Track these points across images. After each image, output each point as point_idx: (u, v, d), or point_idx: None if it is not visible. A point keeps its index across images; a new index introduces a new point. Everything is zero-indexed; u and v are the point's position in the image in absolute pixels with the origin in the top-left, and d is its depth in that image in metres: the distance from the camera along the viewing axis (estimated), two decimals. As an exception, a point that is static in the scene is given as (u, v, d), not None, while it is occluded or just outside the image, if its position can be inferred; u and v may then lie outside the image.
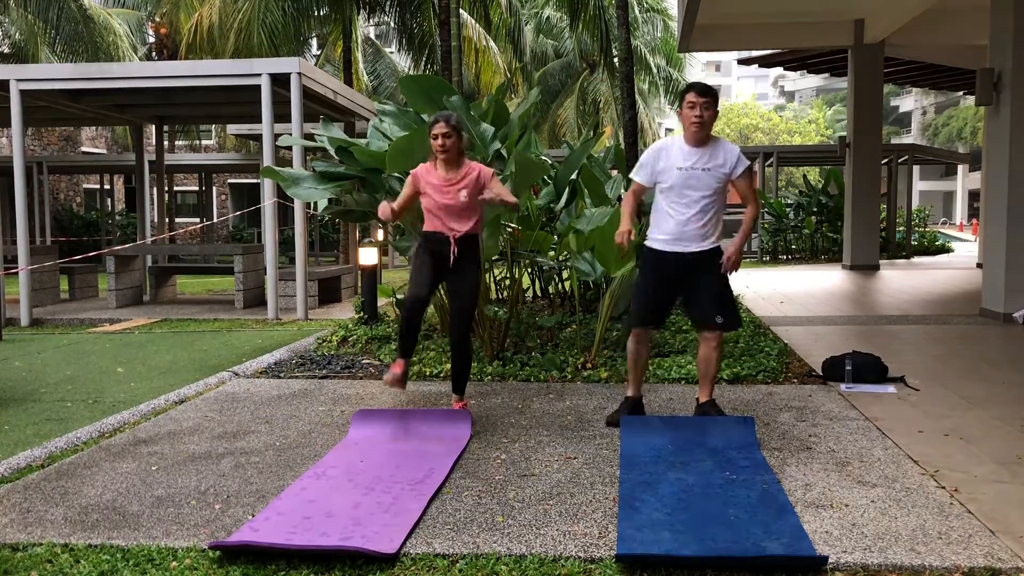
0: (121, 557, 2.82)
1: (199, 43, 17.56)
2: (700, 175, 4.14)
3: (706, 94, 4.12)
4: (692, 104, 4.11)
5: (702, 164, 4.15)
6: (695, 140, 4.17)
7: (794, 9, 13.24)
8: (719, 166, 4.15)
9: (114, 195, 24.53)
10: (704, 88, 4.15)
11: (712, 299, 4.23)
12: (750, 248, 21.22)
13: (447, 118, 4.34)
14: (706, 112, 4.11)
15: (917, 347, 6.72)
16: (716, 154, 4.16)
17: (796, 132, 51.09)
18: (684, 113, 4.16)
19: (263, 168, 5.89)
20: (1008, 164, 8.03)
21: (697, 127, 4.12)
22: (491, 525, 3.04)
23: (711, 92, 4.15)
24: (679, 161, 4.16)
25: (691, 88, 4.17)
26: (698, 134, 4.14)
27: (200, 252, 11.69)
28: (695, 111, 4.10)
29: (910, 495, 3.29)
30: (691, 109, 4.11)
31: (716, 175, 4.15)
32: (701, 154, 4.16)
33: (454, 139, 4.32)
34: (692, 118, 4.11)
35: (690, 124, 4.13)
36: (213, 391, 5.46)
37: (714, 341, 4.25)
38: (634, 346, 4.40)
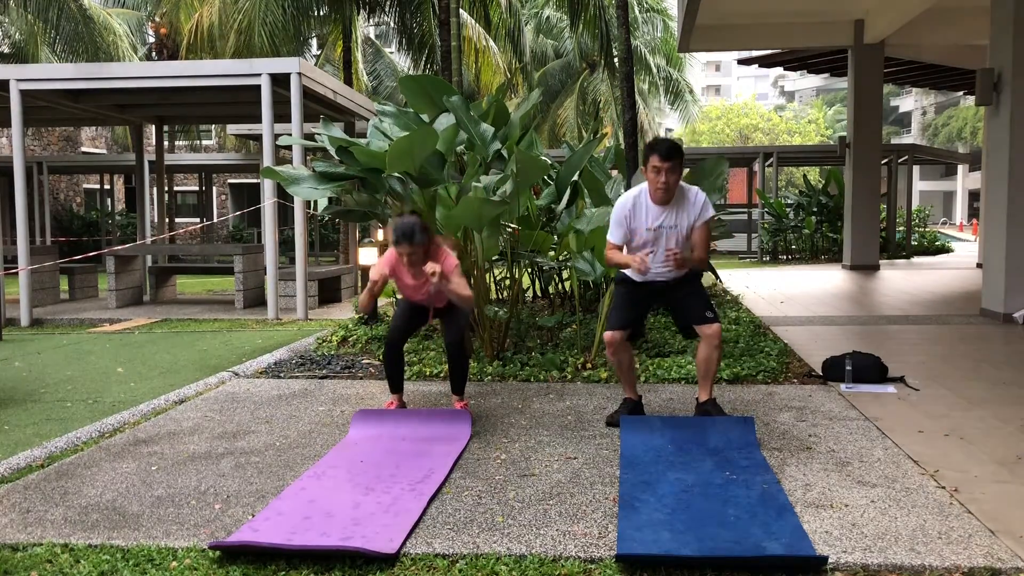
0: (121, 557, 2.82)
1: (199, 43, 17.55)
2: (668, 232, 4.23)
3: (670, 157, 4.07)
4: (657, 169, 4.09)
5: (669, 223, 4.22)
6: (661, 202, 4.21)
7: (794, 9, 13.24)
8: (684, 222, 4.22)
9: (114, 195, 24.53)
10: (668, 150, 4.07)
11: (696, 302, 4.31)
12: (750, 248, 21.25)
13: (409, 236, 4.20)
14: (671, 177, 4.10)
15: (917, 347, 6.72)
16: (681, 211, 4.21)
17: (796, 132, 51.08)
18: (649, 176, 4.16)
19: (263, 168, 5.89)
20: (1008, 164, 8.03)
21: (662, 192, 4.14)
22: (491, 525, 3.04)
23: (676, 154, 4.09)
24: (647, 222, 4.23)
25: (654, 150, 4.10)
26: (663, 198, 4.18)
27: (200, 252, 11.69)
28: (660, 177, 4.10)
29: (910, 495, 3.29)
30: (656, 174, 4.11)
31: (682, 230, 4.23)
32: (668, 213, 4.21)
33: (420, 252, 4.29)
34: (658, 184, 4.12)
35: (655, 189, 4.15)
36: (213, 391, 5.46)
37: (715, 340, 4.26)
38: (614, 357, 4.39)
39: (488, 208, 5.18)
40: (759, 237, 20.26)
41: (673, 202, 4.20)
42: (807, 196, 20.08)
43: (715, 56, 70.46)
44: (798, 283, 12.62)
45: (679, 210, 4.21)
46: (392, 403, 4.70)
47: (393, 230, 4.28)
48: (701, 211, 4.22)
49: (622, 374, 4.46)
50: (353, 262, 12.44)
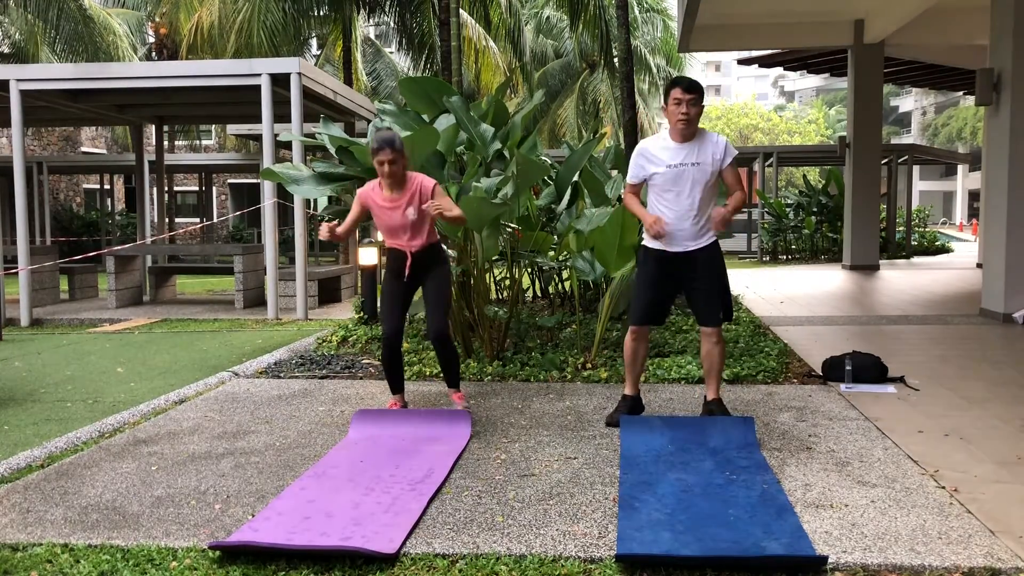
0: (121, 557, 2.82)
1: (199, 43, 17.56)
2: (689, 170, 4.13)
3: (692, 90, 4.07)
4: (678, 100, 4.07)
5: (691, 160, 4.13)
6: (682, 137, 4.15)
7: (794, 9, 13.24)
8: (706, 159, 4.13)
9: (114, 195, 24.53)
10: (690, 84, 4.09)
11: (712, 294, 4.25)
12: (750, 248, 21.25)
13: (391, 143, 4.27)
14: (692, 109, 4.07)
15: (917, 347, 6.72)
16: (704, 148, 4.15)
17: (796, 132, 51.09)
18: (670, 109, 4.13)
19: (263, 170, 5.89)
20: (1008, 164, 8.03)
21: (684, 124, 4.09)
22: (491, 525, 3.04)
23: (697, 88, 4.10)
24: (667, 159, 4.16)
25: (676, 84, 4.11)
26: (685, 130, 4.12)
27: (200, 252, 11.68)
28: (681, 108, 4.07)
29: (910, 495, 3.29)
30: (677, 106, 4.08)
31: (705, 169, 4.14)
32: (689, 149, 4.14)
33: (399, 163, 4.31)
34: (679, 115, 4.08)
35: (676, 121, 4.11)
36: (213, 391, 5.46)
37: (714, 336, 4.26)
38: (632, 343, 4.38)
39: (488, 209, 5.18)
40: (759, 237, 20.26)
41: (694, 141, 4.15)
42: (807, 196, 20.08)
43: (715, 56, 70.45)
44: (798, 283, 12.62)
45: (700, 148, 4.14)
46: (394, 404, 4.70)
47: (374, 140, 4.29)
48: (726, 150, 4.16)
49: (632, 365, 4.43)
50: (353, 262, 12.44)
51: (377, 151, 4.27)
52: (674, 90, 4.10)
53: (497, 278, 7.89)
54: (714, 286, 4.26)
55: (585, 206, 6.78)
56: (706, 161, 4.13)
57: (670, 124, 4.18)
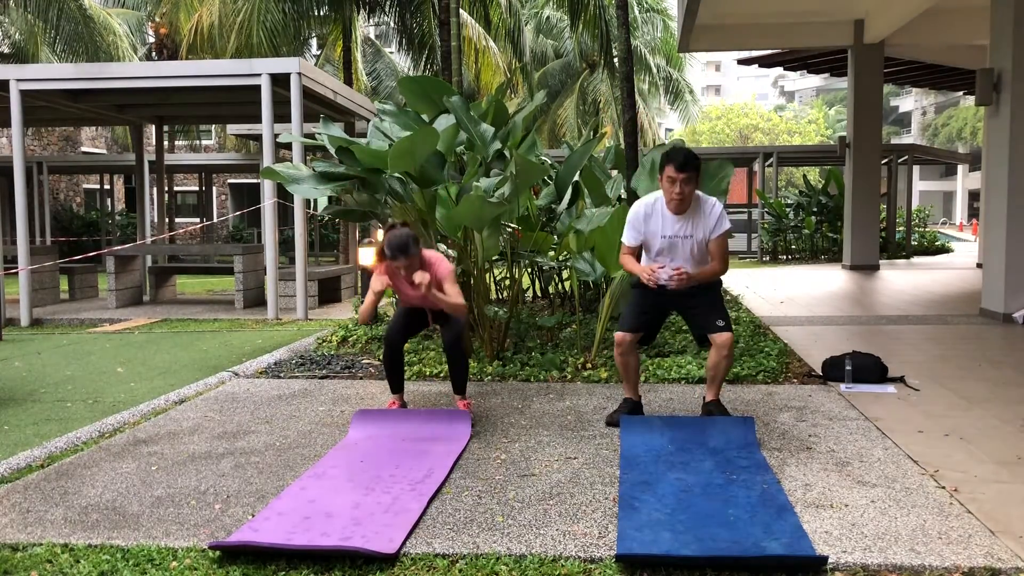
0: (121, 557, 2.82)
1: (199, 43, 17.56)
2: (684, 242, 4.21)
3: (686, 168, 4.04)
4: (672, 180, 4.08)
5: (684, 232, 4.20)
6: (676, 212, 4.19)
7: (794, 9, 13.24)
8: (701, 233, 4.20)
9: (114, 195, 24.53)
10: (684, 161, 4.03)
11: (710, 310, 4.28)
12: (749, 248, 21.25)
13: (404, 250, 4.25)
14: (686, 188, 4.08)
15: (917, 347, 6.72)
16: (698, 222, 4.19)
17: (796, 132, 51.08)
18: (664, 186, 4.15)
19: (263, 169, 5.89)
20: (1008, 164, 8.03)
21: (678, 202, 4.13)
22: (491, 525, 3.04)
23: (692, 165, 4.05)
24: (663, 230, 4.22)
25: (671, 160, 4.07)
26: (679, 208, 4.17)
27: (200, 252, 11.69)
28: (676, 188, 4.08)
29: (910, 495, 3.29)
30: (671, 184, 4.09)
31: (699, 241, 4.21)
32: (684, 223, 4.20)
33: (414, 262, 4.33)
34: (673, 194, 4.10)
35: (671, 199, 4.14)
36: (213, 391, 5.46)
37: (725, 349, 4.23)
38: (621, 358, 4.38)
39: (488, 209, 5.18)
40: (759, 237, 20.27)
41: (689, 212, 4.18)
42: (807, 196, 20.09)
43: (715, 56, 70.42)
44: (798, 283, 12.62)
45: (695, 220, 4.18)
46: (393, 403, 4.70)
47: (387, 246, 4.29)
48: (717, 223, 4.18)
49: (626, 375, 4.45)
50: (353, 262, 12.44)
51: (392, 257, 4.28)
52: (668, 167, 4.08)
53: (497, 278, 7.88)
54: (710, 302, 4.30)
55: (585, 206, 6.78)
56: (698, 235, 4.21)
57: (665, 199, 4.20)
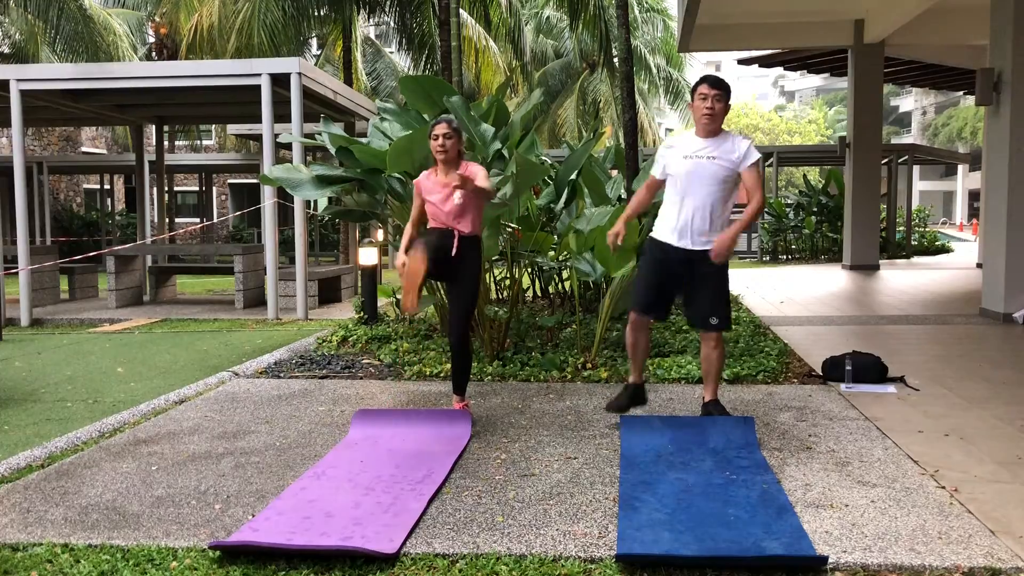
0: (121, 557, 2.82)
1: (199, 43, 17.55)
2: (706, 164, 4.09)
3: (718, 86, 4.09)
4: (704, 96, 4.08)
5: (708, 153, 4.09)
6: (705, 132, 4.14)
7: (794, 9, 13.24)
8: (726, 155, 4.08)
9: (114, 195, 24.53)
10: (716, 80, 4.11)
11: (709, 300, 4.20)
12: (750, 248, 21.25)
13: (448, 120, 4.42)
14: (717, 104, 4.07)
15: (917, 347, 6.72)
16: (724, 145, 4.11)
17: (796, 132, 51.10)
18: (695, 105, 4.14)
19: (261, 175, 5.89)
20: (1008, 164, 8.03)
21: (708, 119, 4.08)
22: (491, 525, 3.04)
23: (724, 85, 4.12)
24: (686, 149, 4.15)
25: (703, 80, 4.15)
26: (709, 126, 4.11)
27: (200, 252, 11.69)
28: (707, 103, 4.07)
29: (910, 495, 3.29)
30: (703, 101, 4.09)
31: (723, 164, 4.08)
32: (709, 144, 4.13)
33: (454, 140, 4.39)
34: (704, 109, 4.08)
35: (701, 116, 4.10)
36: (213, 391, 5.46)
37: (712, 341, 4.24)
38: (632, 335, 4.33)
39: (488, 209, 5.18)
40: (759, 237, 20.26)
41: (717, 138, 4.15)
42: (807, 196, 20.08)
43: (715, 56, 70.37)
44: (798, 283, 12.62)
45: (722, 144, 4.12)
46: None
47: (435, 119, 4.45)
48: (748, 152, 4.10)
49: (634, 355, 4.41)
50: (353, 262, 12.44)
51: (435, 125, 4.38)
52: (701, 86, 4.12)
53: (497, 278, 7.88)
54: (712, 288, 4.20)
55: (585, 206, 6.78)
56: (725, 157, 4.08)
57: (695, 120, 4.18)
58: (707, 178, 4.10)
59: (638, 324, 4.32)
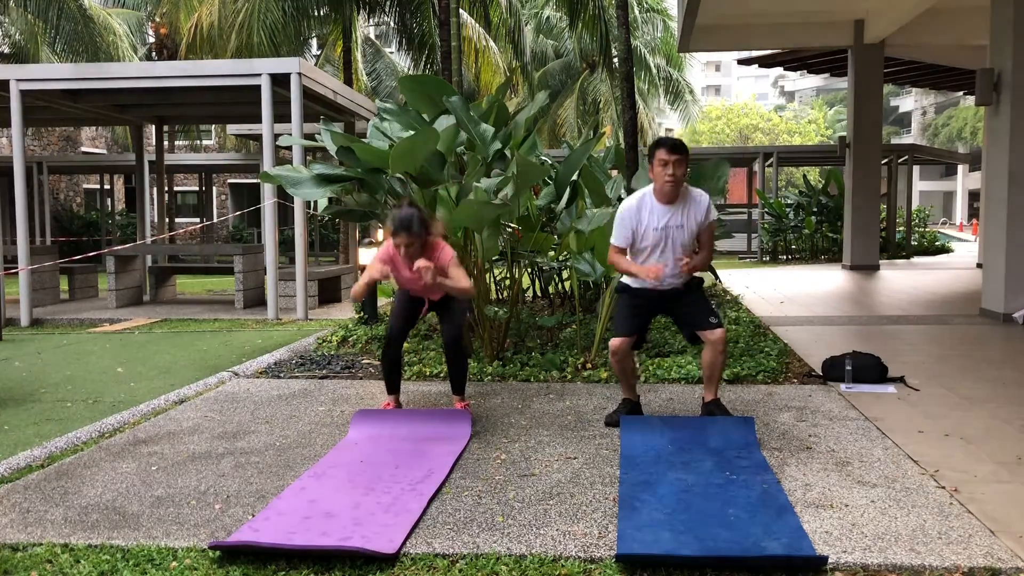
0: (121, 557, 2.82)
1: (199, 43, 17.54)
2: (676, 233, 4.20)
3: (677, 151, 4.08)
4: (664, 162, 4.08)
5: (676, 223, 4.19)
6: (667, 198, 4.18)
7: (794, 9, 13.24)
8: (693, 221, 4.21)
9: (114, 195, 24.53)
10: (674, 145, 4.10)
11: (700, 309, 4.30)
12: (750, 248, 21.25)
13: (407, 226, 4.18)
14: (679, 170, 4.08)
15: (917, 347, 6.72)
16: (688, 210, 4.20)
17: (796, 132, 51.08)
18: (656, 171, 4.14)
19: (262, 173, 5.89)
20: (1008, 164, 8.03)
21: (671, 186, 4.13)
22: (491, 525, 3.04)
23: (682, 148, 4.10)
24: (656, 222, 4.20)
25: (661, 145, 4.12)
26: (671, 193, 4.16)
27: (200, 252, 11.69)
28: (668, 170, 4.08)
29: (910, 495, 3.29)
30: (663, 167, 4.09)
31: (691, 230, 4.21)
32: (674, 212, 4.19)
33: (416, 241, 4.25)
34: (666, 177, 4.10)
35: (663, 183, 4.13)
36: (213, 391, 5.46)
37: (720, 345, 4.25)
38: (618, 363, 4.39)
39: (489, 210, 5.18)
40: (759, 237, 20.26)
41: (679, 201, 4.19)
42: (807, 196, 20.08)
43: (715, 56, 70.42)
44: (798, 283, 12.62)
45: (685, 209, 4.19)
46: (388, 404, 4.68)
47: (391, 220, 4.26)
48: (708, 211, 4.23)
49: (624, 378, 4.47)
50: (353, 262, 12.44)
51: (395, 232, 4.24)
52: (659, 151, 4.10)
53: (497, 278, 7.88)
54: (698, 301, 4.32)
55: (585, 206, 6.78)
56: (689, 223, 4.21)
57: (656, 185, 4.19)
58: (678, 243, 4.22)
59: (622, 350, 4.35)
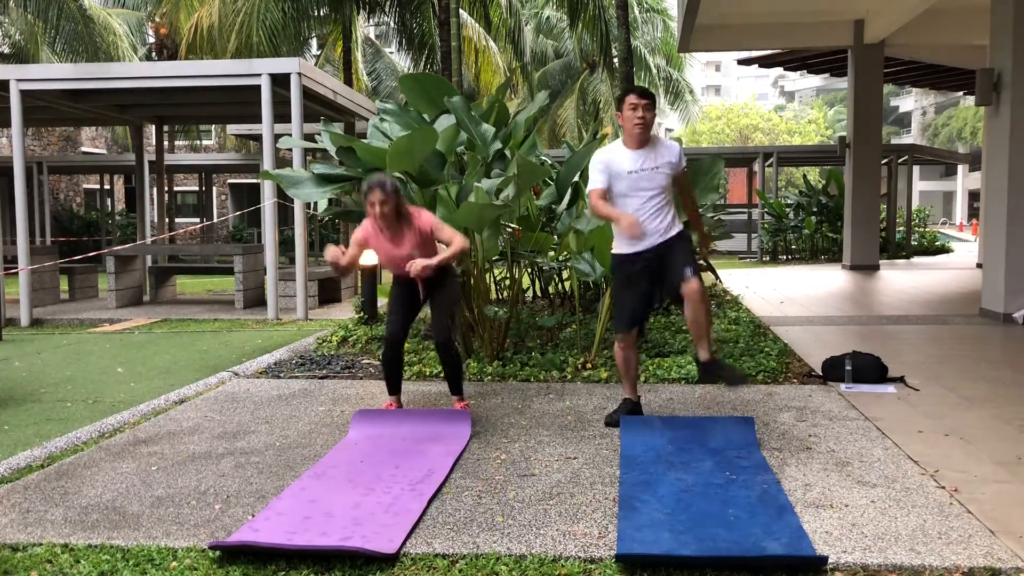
0: (121, 557, 2.82)
1: (199, 43, 17.55)
2: (650, 175, 4.22)
3: (646, 96, 4.22)
4: (634, 106, 4.18)
5: (650, 164, 4.22)
6: (638, 142, 4.23)
7: (794, 9, 13.24)
8: (665, 162, 4.25)
9: (114, 195, 24.53)
10: (643, 91, 4.25)
11: (677, 260, 4.20)
12: (750, 248, 21.25)
13: (382, 185, 4.22)
14: (648, 113, 4.20)
15: (917, 347, 6.72)
16: (660, 153, 4.26)
17: (796, 132, 51.09)
18: (626, 115, 4.22)
19: (262, 171, 5.89)
20: (1008, 164, 8.03)
21: (640, 128, 4.19)
22: (491, 525, 3.04)
23: (650, 95, 4.25)
24: (627, 165, 4.22)
25: (631, 91, 4.26)
26: (641, 136, 4.21)
27: (200, 252, 11.69)
28: (637, 112, 4.17)
29: (910, 495, 3.29)
30: (633, 111, 4.18)
31: (663, 172, 4.24)
32: (646, 155, 4.23)
33: (391, 204, 4.26)
34: (635, 120, 4.18)
35: (633, 126, 4.19)
36: (213, 391, 5.46)
37: (696, 295, 4.10)
38: (622, 353, 4.38)
39: (489, 210, 5.18)
40: (759, 237, 20.26)
41: (649, 146, 4.25)
42: (807, 196, 20.08)
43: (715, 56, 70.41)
44: (798, 283, 12.62)
45: (656, 152, 4.25)
46: (390, 405, 4.69)
47: (365, 182, 4.28)
48: (679, 155, 4.31)
49: (627, 373, 4.44)
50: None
51: (367, 192, 4.24)
52: (629, 96, 4.23)
53: (497, 278, 7.88)
54: (681, 252, 4.23)
55: (585, 206, 6.78)
56: (661, 164, 4.24)
57: (625, 130, 4.25)
58: (655, 187, 4.24)
59: (627, 343, 4.36)
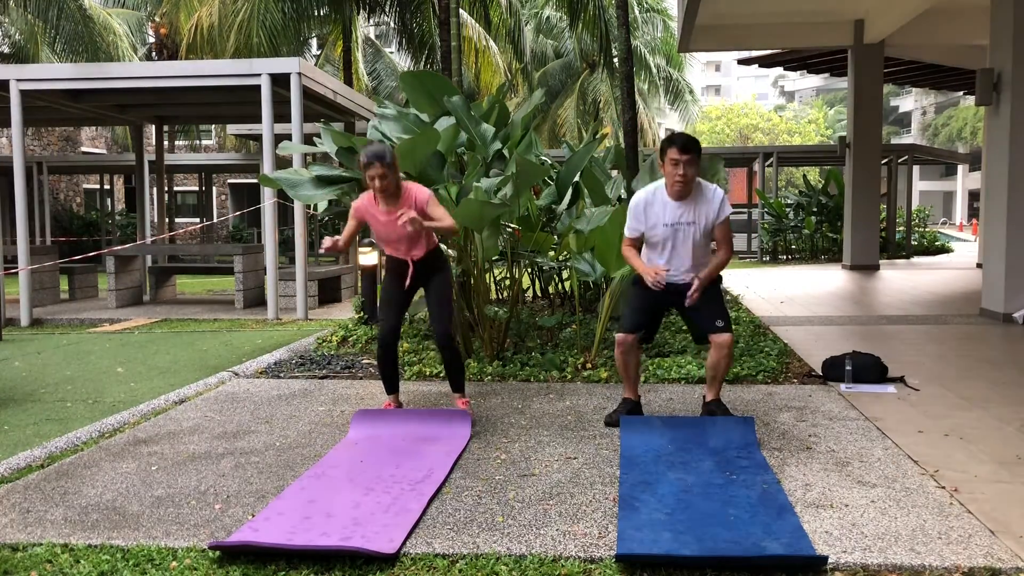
0: (121, 557, 2.82)
1: (199, 43, 17.54)
2: (688, 230, 4.17)
3: (688, 150, 4.04)
4: (675, 162, 4.05)
5: (687, 219, 4.16)
6: (678, 196, 4.16)
7: (794, 9, 13.24)
8: (705, 217, 4.17)
9: (114, 195, 24.53)
10: (686, 143, 4.06)
11: (710, 311, 4.24)
12: (749, 248, 21.25)
13: (380, 157, 4.21)
14: (689, 170, 4.06)
15: (917, 347, 6.72)
16: (700, 207, 4.17)
17: (796, 132, 51.09)
18: (667, 170, 4.11)
19: (261, 175, 5.89)
20: (1008, 164, 8.03)
21: (681, 185, 4.10)
22: (491, 525, 3.04)
23: (694, 147, 4.06)
24: (665, 218, 4.17)
25: (672, 143, 4.09)
26: (682, 191, 4.14)
27: (200, 252, 11.68)
28: (679, 169, 4.06)
29: (910, 495, 3.29)
30: (675, 167, 4.06)
31: (703, 226, 4.17)
32: (686, 208, 4.16)
33: (390, 175, 4.26)
34: (676, 176, 4.07)
35: (674, 182, 4.10)
36: (213, 391, 5.46)
37: (726, 348, 4.21)
38: (622, 356, 4.37)
39: (489, 210, 5.18)
40: (759, 237, 20.27)
41: (691, 198, 4.16)
42: (807, 196, 20.08)
43: (715, 56, 70.43)
44: (798, 283, 12.62)
45: (697, 206, 4.16)
46: (389, 404, 4.68)
47: (363, 154, 4.24)
48: (721, 207, 4.17)
49: (627, 375, 4.44)
50: (353, 262, 12.44)
51: (367, 165, 4.22)
52: (670, 150, 4.07)
53: (497, 278, 7.88)
54: (713, 296, 4.25)
55: (585, 206, 6.78)
56: (701, 221, 4.17)
57: (667, 183, 4.17)
58: (689, 241, 4.19)
59: (628, 345, 4.34)
